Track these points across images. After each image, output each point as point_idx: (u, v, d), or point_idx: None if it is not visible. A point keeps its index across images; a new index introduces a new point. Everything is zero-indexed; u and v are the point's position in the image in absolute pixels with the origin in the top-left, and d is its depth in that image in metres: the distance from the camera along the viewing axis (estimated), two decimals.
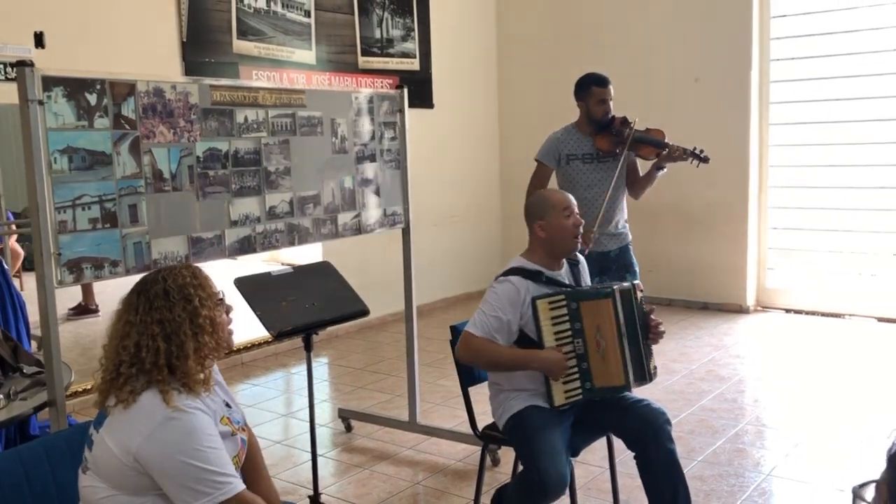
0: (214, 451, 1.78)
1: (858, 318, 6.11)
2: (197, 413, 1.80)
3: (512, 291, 2.71)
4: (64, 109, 2.45)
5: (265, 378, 5.27)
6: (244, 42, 5.33)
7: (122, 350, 1.83)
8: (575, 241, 2.82)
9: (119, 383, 1.81)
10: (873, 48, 5.92)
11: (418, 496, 3.45)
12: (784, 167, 6.48)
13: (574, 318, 2.65)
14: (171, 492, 1.76)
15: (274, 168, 3.16)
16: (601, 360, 2.66)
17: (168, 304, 1.85)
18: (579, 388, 2.67)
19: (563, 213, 2.79)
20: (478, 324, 2.69)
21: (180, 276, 1.90)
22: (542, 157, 4.02)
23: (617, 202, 3.99)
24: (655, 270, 6.72)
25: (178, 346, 1.83)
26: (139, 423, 1.76)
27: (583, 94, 3.97)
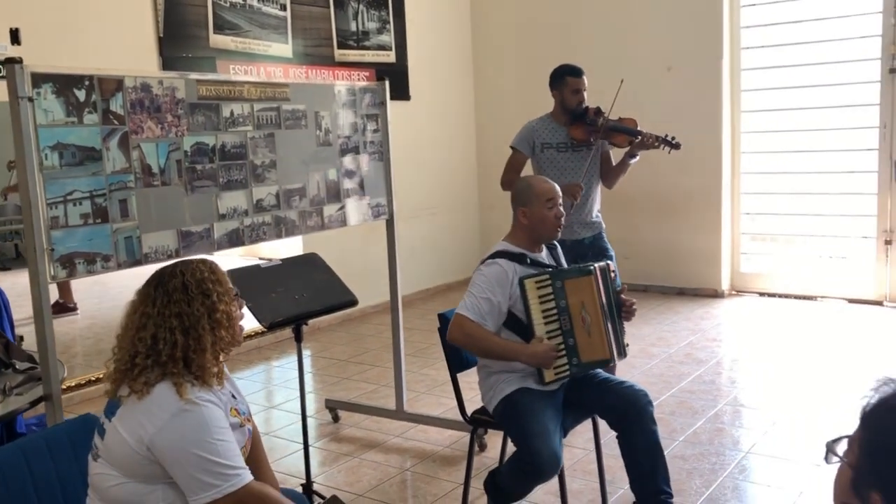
0: (225, 444, 1.83)
1: (829, 300, 6.26)
2: (209, 406, 1.84)
3: (500, 273, 2.78)
4: (53, 106, 2.46)
5: (249, 371, 5.29)
6: (221, 36, 5.33)
7: (139, 341, 1.86)
8: (555, 231, 2.91)
9: (134, 374, 1.84)
10: (841, 36, 6.05)
11: (408, 482, 3.52)
12: (756, 153, 6.60)
13: (559, 297, 2.75)
14: (182, 482, 1.80)
15: (260, 161, 3.19)
16: (587, 336, 2.75)
17: (187, 298, 1.89)
18: (566, 364, 2.75)
19: (546, 205, 2.87)
20: (469, 306, 2.75)
21: (198, 271, 1.93)
22: (517, 145, 4.09)
23: (591, 191, 4.06)
24: (632, 257, 6.82)
25: (196, 339, 1.87)
26: (153, 415, 1.80)
27: (557, 84, 4.04)
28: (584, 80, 4.02)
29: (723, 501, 3.17)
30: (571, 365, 2.77)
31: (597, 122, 3.97)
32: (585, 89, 4.03)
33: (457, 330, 2.78)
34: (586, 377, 2.95)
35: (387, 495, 3.36)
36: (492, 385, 2.87)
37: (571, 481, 3.39)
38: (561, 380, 2.80)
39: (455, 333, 2.79)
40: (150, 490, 1.83)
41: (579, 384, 2.93)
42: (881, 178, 6.00)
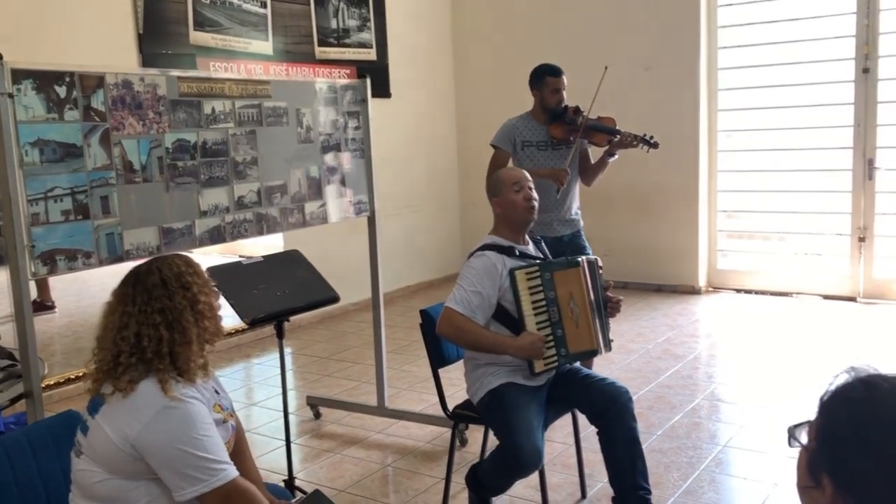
0: (210, 439, 1.84)
1: (805, 297, 6.35)
2: (194, 402, 1.85)
3: (489, 265, 2.82)
4: (34, 102, 2.46)
5: (229, 369, 5.28)
6: (201, 33, 5.31)
7: (122, 341, 1.86)
8: (528, 213, 2.95)
9: (118, 372, 1.84)
10: (815, 36, 6.14)
11: (390, 477, 3.54)
12: (732, 152, 6.68)
13: (548, 288, 2.79)
14: (168, 478, 1.81)
15: (241, 158, 3.20)
16: (574, 327, 2.80)
17: (167, 292, 1.89)
18: (555, 355, 2.79)
19: (513, 189, 2.93)
20: (458, 300, 2.78)
21: (175, 266, 1.94)
22: (498, 143, 4.12)
23: (571, 189, 4.10)
24: (611, 254, 6.87)
25: (181, 332, 1.88)
26: (138, 412, 1.81)
27: (537, 84, 4.08)
28: (564, 80, 4.06)
29: (700, 494, 3.22)
30: (560, 356, 2.82)
31: (576, 121, 4.01)
32: (565, 89, 4.06)
33: (446, 323, 2.80)
34: (569, 373, 2.99)
35: (369, 491, 3.38)
36: (478, 377, 2.90)
37: (551, 475, 3.43)
38: (550, 370, 2.84)
39: (444, 327, 2.81)
40: (133, 486, 1.84)
41: (562, 379, 2.98)
42: (855, 176, 6.09)
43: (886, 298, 6.07)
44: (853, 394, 1.11)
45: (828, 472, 1.08)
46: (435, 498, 3.27)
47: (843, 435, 1.08)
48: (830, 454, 1.09)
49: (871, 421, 1.07)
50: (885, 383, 1.09)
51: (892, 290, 6.08)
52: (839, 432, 1.09)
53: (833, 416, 1.11)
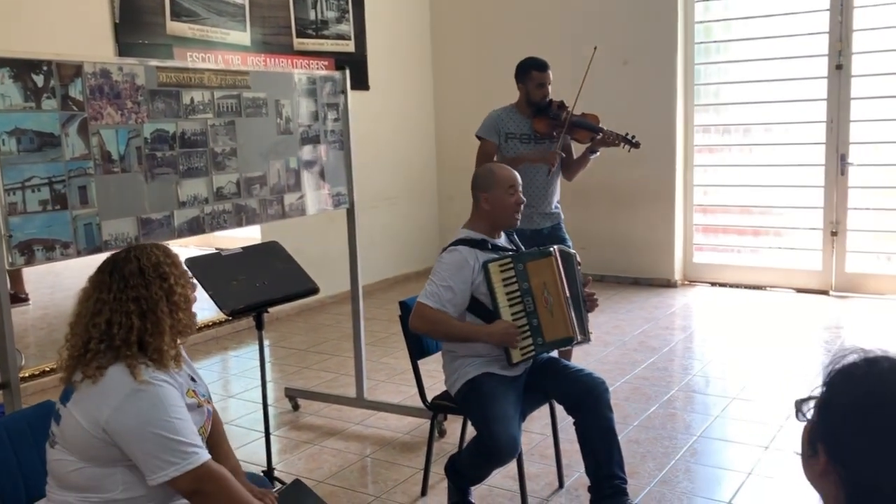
0: (181, 422, 1.84)
1: (778, 290, 6.44)
2: (164, 385, 1.85)
3: (460, 260, 2.84)
4: (10, 91, 2.44)
5: (207, 361, 5.27)
6: (178, 23, 5.27)
7: (93, 327, 1.85)
8: (514, 218, 2.97)
9: (87, 359, 1.84)
10: (789, 32, 6.22)
11: (368, 468, 3.55)
12: (708, 146, 6.75)
13: (522, 279, 2.82)
14: (140, 462, 1.81)
15: (220, 149, 3.19)
16: (549, 316, 2.83)
17: (144, 281, 1.89)
18: (531, 344, 2.82)
19: (508, 191, 2.94)
20: (430, 294, 2.80)
21: (153, 255, 1.94)
22: (484, 134, 4.13)
23: (552, 183, 4.13)
24: (588, 248, 6.92)
25: (155, 322, 1.88)
26: (107, 396, 1.81)
27: (523, 78, 4.10)
28: (549, 75, 4.08)
29: (675, 483, 3.27)
30: (536, 345, 2.84)
31: (560, 116, 4.03)
32: (550, 83, 4.08)
33: (417, 318, 2.83)
34: (546, 364, 3.02)
35: (347, 481, 3.40)
36: (456, 368, 2.92)
37: (529, 465, 3.46)
38: (527, 360, 2.87)
39: (415, 321, 2.84)
40: (108, 473, 1.84)
41: (539, 371, 3.01)
42: (828, 171, 6.18)
43: (858, 292, 6.17)
44: (854, 369, 1.16)
45: (823, 441, 1.12)
46: (413, 488, 3.29)
47: (839, 407, 1.13)
48: (826, 425, 1.13)
49: (866, 395, 1.12)
50: (885, 362, 1.14)
51: (863, 283, 6.18)
52: (836, 405, 1.13)
53: (833, 389, 1.15)
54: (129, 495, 1.85)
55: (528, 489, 3.20)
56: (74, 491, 1.86)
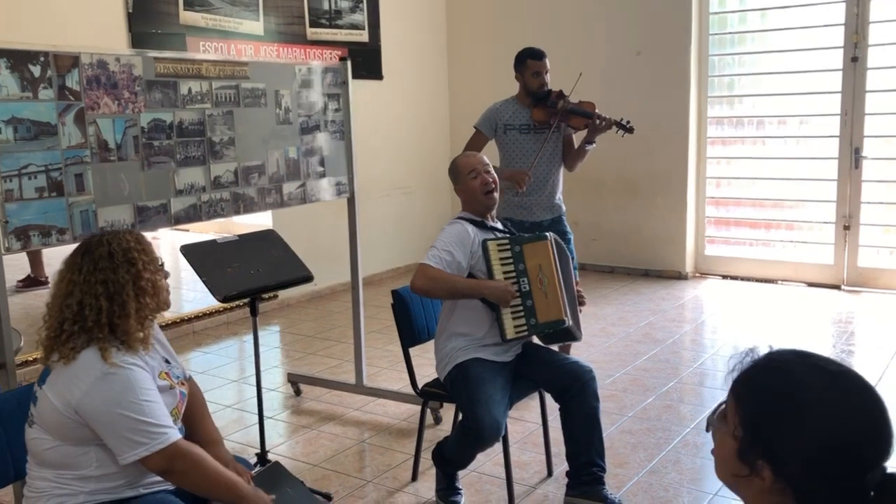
0: (150, 404, 1.90)
1: (790, 284, 6.41)
2: (134, 369, 1.92)
3: (462, 231, 2.93)
4: (8, 81, 2.51)
5: (216, 346, 5.37)
6: (191, 13, 5.35)
7: (66, 308, 1.93)
8: (488, 198, 3.05)
9: (62, 340, 1.92)
10: (805, 24, 6.15)
11: (363, 453, 3.62)
12: (721, 139, 6.71)
13: (518, 260, 2.88)
14: (111, 442, 1.88)
15: (218, 138, 3.25)
16: (543, 297, 2.88)
17: (112, 265, 1.96)
18: (525, 324, 2.87)
19: (470, 176, 3.02)
20: (432, 257, 2.88)
21: (124, 241, 2.01)
22: (479, 125, 4.16)
23: (552, 173, 4.13)
24: (599, 239, 6.95)
25: (121, 305, 1.95)
26: (79, 379, 1.88)
27: (520, 67, 4.12)
28: (546, 63, 4.09)
29: (663, 473, 3.29)
30: (529, 325, 2.89)
31: (556, 104, 4.05)
32: (547, 72, 4.09)
33: (420, 277, 2.87)
34: (535, 353, 3.06)
35: (341, 465, 3.46)
36: (448, 353, 2.98)
37: (521, 453, 3.51)
38: (520, 338, 2.92)
39: (418, 281, 2.88)
40: (82, 452, 1.92)
41: (528, 359, 3.05)
42: (841, 164, 6.12)
43: (870, 286, 6.12)
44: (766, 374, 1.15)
45: (764, 456, 1.10)
46: (405, 474, 3.35)
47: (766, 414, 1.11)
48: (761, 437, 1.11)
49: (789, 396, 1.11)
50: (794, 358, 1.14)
51: (875, 278, 6.12)
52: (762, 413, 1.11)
53: (755, 398, 1.14)
54: (103, 472, 1.93)
55: (518, 477, 3.26)
56: (50, 468, 1.94)
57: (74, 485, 1.94)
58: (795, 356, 1.16)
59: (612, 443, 3.48)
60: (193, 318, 5.64)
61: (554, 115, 4.04)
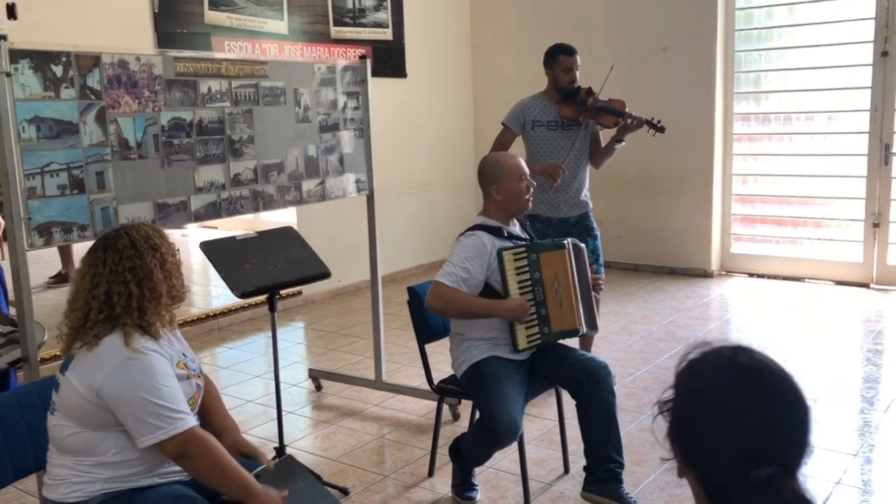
0: (170, 389, 1.97)
1: (817, 282, 6.32)
2: (154, 355, 1.99)
3: (479, 244, 2.91)
4: (31, 81, 2.57)
5: (241, 342, 5.43)
6: (216, 13, 5.41)
7: (93, 299, 2.00)
8: (527, 202, 3.02)
9: (86, 328, 1.98)
10: (834, 18, 6.06)
11: (381, 448, 3.65)
12: (748, 135, 6.64)
13: (534, 269, 2.88)
14: (130, 425, 1.94)
15: (238, 137, 3.29)
16: (558, 307, 2.89)
17: (137, 252, 2.03)
18: (538, 333, 2.88)
19: (519, 180, 2.99)
20: (447, 274, 2.88)
21: (142, 230, 2.09)
22: (507, 121, 4.16)
23: (580, 170, 4.13)
24: (624, 236, 6.91)
25: (151, 289, 2.02)
26: (102, 363, 1.94)
27: (550, 63, 4.11)
28: (577, 60, 4.08)
29: None
30: (542, 334, 2.90)
31: (586, 101, 4.04)
32: (578, 68, 4.08)
33: (434, 297, 2.89)
34: (550, 350, 3.06)
35: (358, 460, 3.50)
36: (463, 351, 2.99)
37: (538, 450, 3.51)
38: (532, 347, 2.93)
39: (432, 301, 2.90)
40: (102, 438, 1.97)
41: (543, 356, 3.05)
42: (871, 161, 6.03)
43: None
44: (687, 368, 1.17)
45: (675, 443, 1.16)
46: (422, 469, 3.37)
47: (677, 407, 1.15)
48: (673, 427, 1.17)
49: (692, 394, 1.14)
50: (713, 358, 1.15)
51: None
52: (677, 405, 1.15)
53: (676, 390, 1.18)
54: (120, 458, 1.99)
55: (535, 474, 3.26)
56: (70, 455, 2.00)
57: (92, 472, 1.99)
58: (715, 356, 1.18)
59: (630, 440, 3.47)
60: (218, 315, 5.71)
61: (584, 112, 4.02)
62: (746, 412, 1.11)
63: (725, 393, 1.13)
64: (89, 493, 1.98)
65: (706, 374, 1.16)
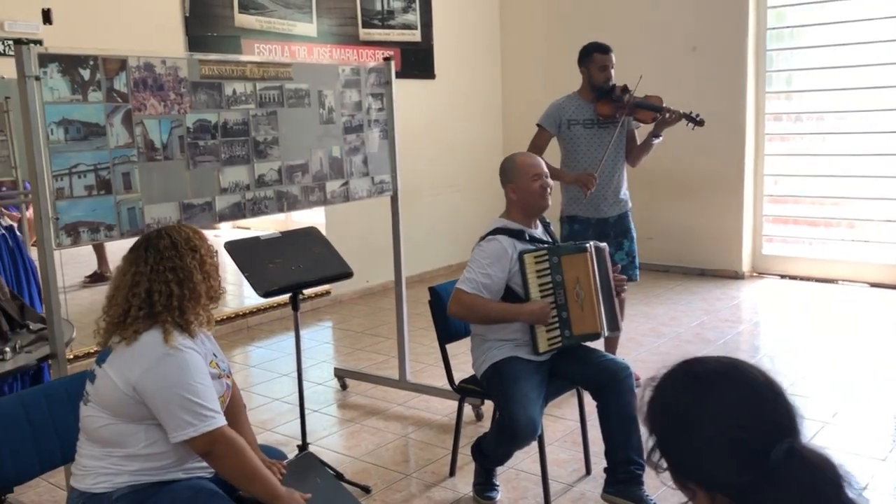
0: (204, 387, 2.01)
1: (851, 284, 6.22)
2: (191, 352, 2.04)
3: (499, 249, 2.91)
4: (59, 84, 2.64)
5: (269, 341, 5.49)
6: (245, 16, 5.49)
7: (133, 297, 2.05)
8: (543, 201, 3.02)
9: (126, 324, 2.04)
10: (867, 16, 5.96)
11: (404, 447, 3.67)
12: (780, 135, 6.56)
13: (555, 272, 2.88)
14: (164, 419, 1.99)
15: (262, 138, 3.34)
16: (579, 310, 2.88)
17: (178, 254, 2.09)
18: (559, 336, 2.88)
19: (532, 178, 2.98)
20: (467, 281, 2.89)
21: (183, 231, 2.15)
22: (543, 122, 4.17)
23: (617, 168, 4.12)
24: (654, 238, 6.85)
25: (191, 289, 2.08)
26: (140, 357, 2.00)
27: (585, 61, 4.10)
28: (612, 58, 4.07)
29: None
30: (564, 337, 2.90)
31: (622, 98, 4.03)
32: (613, 66, 4.07)
33: (455, 304, 2.91)
34: (571, 350, 3.06)
35: (381, 459, 3.52)
36: (484, 351, 3.01)
37: (560, 451, 3.51)
38: (553, 350, 2.93)
39: (454, 308, 2.93)
40: (133, 431, 2.02)
41: (565, 357, 3.05)
42: None
43: None
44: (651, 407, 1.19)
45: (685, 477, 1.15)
46: (443, 469, 3.39)
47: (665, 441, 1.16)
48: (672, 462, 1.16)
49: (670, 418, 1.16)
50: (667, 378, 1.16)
51: None
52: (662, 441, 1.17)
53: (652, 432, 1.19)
54: (150, 451, 2.04)
55: (556, 475, 3.26)
56: (100, 446, 2.05)
57: (121, 464, 2.04)
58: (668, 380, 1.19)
59: None
60: (248, 314, 5.79)
61: (621, 108, 4.01)
62: (726, 408, 1.12)
63: (694, 403, 1.14)
64: (116, 485, 2.03)
65: (669, 400, 1.17)
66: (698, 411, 1.13)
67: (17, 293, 3.32)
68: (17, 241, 3.84)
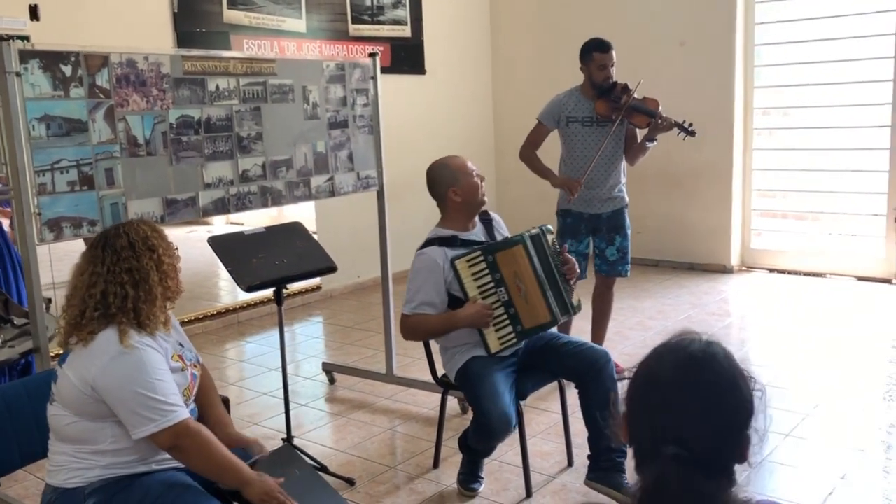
0: (162, 383, 2.01)
1: (838, 278, 6.25)
2: (147, 349, 2.04)
3: (430, 262, 2.93)
4: (40, 80, 2.65)
5: (259, 336, 5.52)
6: (234, 12, 5.50)
7: (89, 298, 2.05)
8: (483, 196, 3.05)
9: (81, 325, 2.04)
10: (855, 10, 5.98)
11: (389, 440, 3.70)
12: (768, 129, 6.58)
13: (493, 270, 2.88)
14: (124, 417, 2.00)
15: (246, 134, 3.36)
16: (525, 303, 2.89)
17: (135, 254, 2.08)
18: (511, 332, 2.88)
19: (472, 175, 3.03)
20: (407, 304, 2.95)
21: (141, 230, 2.13)
22: (542, 117, 4.19)
23: (612, 166, 4.14)
24: (643, 232, 6.86)
25: (147, 291, 2.07)
26: (96, 357, 2.00)
27: (585, 59, 4.10)
28: (612, 56, 4.06)
29: None
30: (517, 332, 2.91)
31: (621, 99, 4.03)
32: (613, 65, 4.07)
33: (403, 329, 3.00)
34: (546, 343, 3.08)
35: (366, 452, 3.55)
36: (450, 358, 3.06)
37: (543, 443, 3.54)
38: (508, 348, 2.94)
39: (403, 333, 3.01)
40: (99, 427, 2.03)
41: (539, 350, 3.08)
42: (892, 155, 5.94)
43: None
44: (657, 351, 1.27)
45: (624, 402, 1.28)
46: (427, 461, 3.42)
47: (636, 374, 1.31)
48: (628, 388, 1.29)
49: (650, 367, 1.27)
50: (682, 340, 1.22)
51: None
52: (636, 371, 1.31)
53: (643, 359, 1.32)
54: (117, 447, 2.05)
55: (539, 466, 3.29)
56: (69, 443, 2.07)
57: (90, 459, 2.06)
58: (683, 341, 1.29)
59: None
60: (239, 309, 5.81)
61: (617, 110, 4.02)
62: (671, 391, 1.20)
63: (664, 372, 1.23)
64: (88, 479, 2.04)
65: (663, 353, 1.26)
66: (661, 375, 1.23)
67: (2, 288, 3.34)
68: (4, 236, 3.86)
